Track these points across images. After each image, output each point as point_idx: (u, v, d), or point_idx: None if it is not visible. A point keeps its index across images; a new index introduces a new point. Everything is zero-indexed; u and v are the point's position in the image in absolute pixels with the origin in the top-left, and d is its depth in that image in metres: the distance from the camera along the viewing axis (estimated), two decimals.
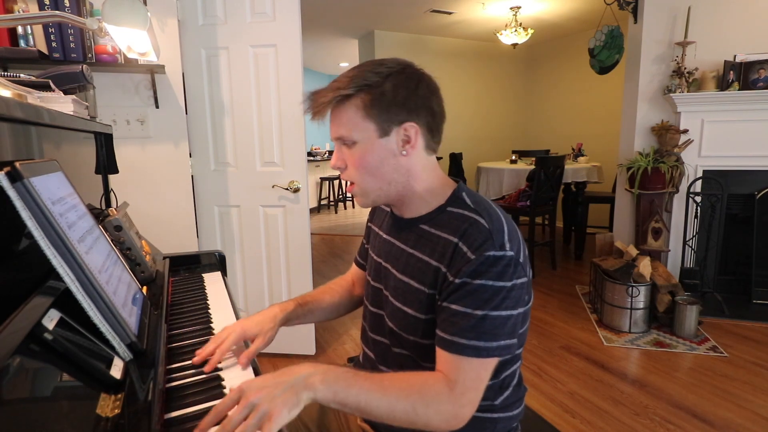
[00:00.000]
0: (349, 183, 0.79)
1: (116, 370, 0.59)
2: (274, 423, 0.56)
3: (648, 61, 2.81)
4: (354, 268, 1.06)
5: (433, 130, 0.76)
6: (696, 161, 2.75)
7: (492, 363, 0.68)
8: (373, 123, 0.72)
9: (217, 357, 0.77)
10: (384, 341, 0.85)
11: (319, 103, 0.72)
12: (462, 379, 0.66)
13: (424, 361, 0.76)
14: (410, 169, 0.75)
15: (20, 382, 0.45)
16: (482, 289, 0.66)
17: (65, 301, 0.58)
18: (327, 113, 0.74)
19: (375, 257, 0.89)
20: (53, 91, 1.10)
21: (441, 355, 0.69)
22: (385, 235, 0.87)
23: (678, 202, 2.83)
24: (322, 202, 7.24)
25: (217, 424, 0.57)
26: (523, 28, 4.31)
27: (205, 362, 0.76)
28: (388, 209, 0.88)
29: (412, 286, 0.76)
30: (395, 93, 0.71)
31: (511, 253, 0.67)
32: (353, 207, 7.43)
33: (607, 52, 3.07)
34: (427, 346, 0.74)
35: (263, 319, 0.86)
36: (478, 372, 0.67)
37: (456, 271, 0.68)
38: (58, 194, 0.65)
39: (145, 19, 1.04)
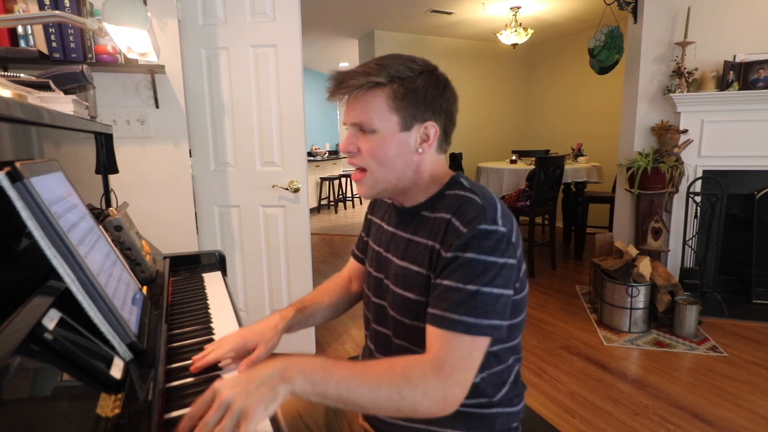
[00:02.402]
0: (355, 171, 0.79)
1: (116, 370, 0.58)
2: (251, 421, 0.54)
3: (648, 61, 2.81)
4: (352, 262, 1.04)
5: (448, 134, 0.78)
6: (696, 161, 2.76)
7: (483, 343, 0.67)
8: (397, 116, 0.72)
9: (212, 357, 0.76)
10: (386, 332, 0.84)
11: (349, 85, 0.72)
12: (451, 357, 0.64)
13: (423, 348, 0.76)
14: (419, 166, 0.77)
15: (20, 382, 0.45)
16: (473, 262, 0.66)
17: (65, 301, 0.58)
18: (346, 97, 0.74)
19: (376, 247, 0.89)
20: (53, 91, 1.10)
21: (431, 332, 0.68)
22: (388, 227, 0.87)
23: (678, 202, 2.83)
24: (322, 202, 7.24)
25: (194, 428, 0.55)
26: (523, 28, 4.31)
27: (203, 370, 0.75)
28: (390, 201, 0.88)
29: (411, 270, 0.76)
30: (425, 91, 0.73)
31: (503, 229, 0.68)
32: (353, 207, 7.43)
33: (607, 52, 3.07)
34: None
35: (264, 329, 0.84)
36: (469, 350, 0.65)
37: (448, 246, 0.69)
38: (58, 194, 0.65)
39: (145, 19, 1.04)
